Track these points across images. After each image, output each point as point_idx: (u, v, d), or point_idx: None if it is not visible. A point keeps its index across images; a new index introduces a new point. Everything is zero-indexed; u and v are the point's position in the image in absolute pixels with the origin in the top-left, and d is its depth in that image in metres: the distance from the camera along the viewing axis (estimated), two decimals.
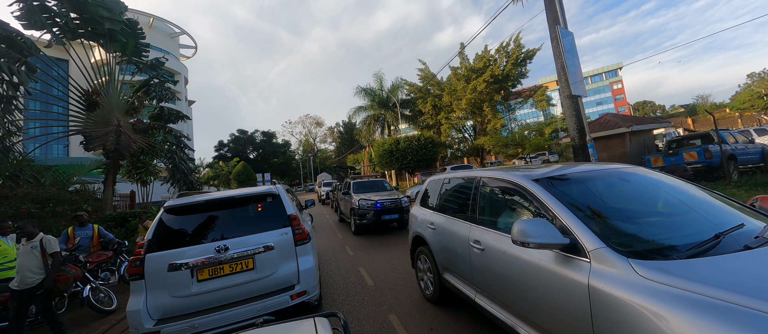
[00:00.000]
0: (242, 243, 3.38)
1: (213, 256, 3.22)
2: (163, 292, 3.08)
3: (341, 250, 7.68)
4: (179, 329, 2.96)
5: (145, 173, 12.62)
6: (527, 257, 2.11)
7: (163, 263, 3.12)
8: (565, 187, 2.27)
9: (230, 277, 3.26)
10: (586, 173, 2.43)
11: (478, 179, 3.00)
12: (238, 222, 3.65)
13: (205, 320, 3.03)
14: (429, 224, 3.72)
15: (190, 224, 3.51)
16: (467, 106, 29.29)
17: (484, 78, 28.06)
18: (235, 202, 3.75)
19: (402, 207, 8.39)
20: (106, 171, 10.49)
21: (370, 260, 6.47)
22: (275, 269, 3.41)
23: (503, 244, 2.37)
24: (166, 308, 3.08)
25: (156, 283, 3.09)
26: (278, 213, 3.70)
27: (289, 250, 3.53)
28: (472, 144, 32.43)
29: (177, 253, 3.20)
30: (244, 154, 57.28)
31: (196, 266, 3.16)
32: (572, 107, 12.09)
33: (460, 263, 3.02)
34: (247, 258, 3.33)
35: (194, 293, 3.13)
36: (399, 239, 7.98)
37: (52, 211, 6.90)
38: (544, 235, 1.82)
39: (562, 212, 1.97)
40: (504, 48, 30.01)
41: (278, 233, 3.55)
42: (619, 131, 12.05)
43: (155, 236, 3.30)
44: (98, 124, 10.34)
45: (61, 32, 9.66)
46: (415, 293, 4.46)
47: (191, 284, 3.14)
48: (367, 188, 9.63)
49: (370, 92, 34.37)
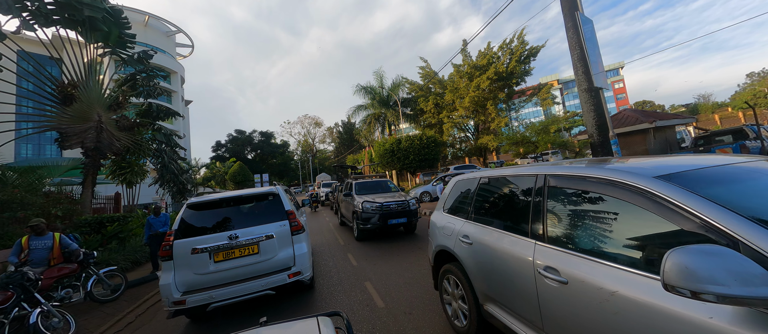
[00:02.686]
0: (249, 232, 4.07)
1: (226, 242, 3.93)
2: (187, 270, 3.79)
3: (343, 259, 6.80)
4: (200, 299, 3.66)
5: (131, 174, 11.73)
6: (678, 310, 1.24)
7: (187, 247, 3.83)
8: (723, 189, 1.41)
9: (240, 259, 3.97)
10: (737, 167, 1.58)
11: (542, 178, 2.14)
12: (245, 216, 4.35)
13: (219, 292, 3.74)
14: (461, 238, 2.86)
15: (208, 217, 4.22)
16: (470, 104, 28.45)
17: (488, 75, 27.25)
18: (243, 199, 4.48)
19: (410, 210, 7.51)
20: (86, 171, 9.60)
21: (378, 272, 5.60)
22: (275, 253, 4.12)
23: (608, 279, 1.51)
24: (189, 283, 3.79)
25: (181, 263, 3.80)
26: (278, 209, 4.40)
27: (287, 238, 4.24)
28: (475, 143, 31.58)
29: (198, 240, 3.90)
30: (242, 154, 56.31)
31: (213, 250, 3.88)
32: (591, 101, 11.24)
33: (516, 296, 2.16)
34: (253, 244, 4.04)
35: (211, 271, 3.85)
36: (408, 246, 7.12)
37: (12, 217, 6.02)
38: (737, 278, 0.97)
39: (753, 233, 1.11)
40: (507, 45, 29.23)
41: (278, 224, 4.25)
42: (641, 127, 11.22)
43: (180, 226, 4.01)
44: (76, 119, 9.44)
45: (33, 18, 8.76)
46: (438, 320, 3.59)
47: (209, 264, 3.85)
48: (370, 189, 8.77)
49: (370, 90, 33.52)
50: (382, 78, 33.20)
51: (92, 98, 9.92)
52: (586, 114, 11.58)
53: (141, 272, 7.42)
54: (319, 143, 74.13)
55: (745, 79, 55.26)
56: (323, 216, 15.75)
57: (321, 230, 10.99)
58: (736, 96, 52.62)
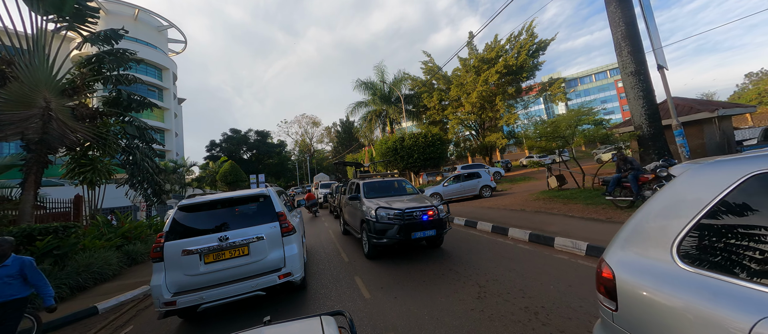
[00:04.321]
0: (240, 234, 4.13)
1: (216, 244, 3.99)
2: (178, 271, 3.87)
3: (349, 285, 5.01)
4: (190, 300, 3.74)
5: (93, 173, 9.87)
6: None
7: (177, 249, 3.90)
8: None
9: (230, 260, 4.03)
10: None
11: None
12: (236, 217, 4.43)
13: (210, 293, 3.81)
14: None
15: (199, 219, 4.30)
16: (478, 99, 26.74)
17: (497, 69, 25.53)
18: (234, 201, 4.54)
19: (439, 219, 5.69)
20: (27, 169, 7.75)
21: (404, 314, 3.83)
22: (266, 254, 4.18)
23: None
24: (180, 284, 3.86)
25: (172, 264, 3.87)
26: (269, 210, 4.48)
27: (277, 240, 4.29)
28: (481, 141, 29.86)
29: (188, 241, 3.97)
30: (237, 154, 54.20)
31: (203, 252, 3.94)
32: (639, 86, 9.51)
33: None
34: (244, 246, 4.10)
35: (202, 272, 3.92)
36: (436, 267, 5.34)
37: None
38: None
39: None
40: (515, 38, 27.61)
41: (269, 226, 4.31)
42: (698, 117, 9.51)
43: (171, 228, 4.05)
44: (14, 104, 7.59)
45: None
46: None
47: (200, 266, 3.92)
48: (383, 191, 6.95)
49: (370, 86, 31.73)
50: (384, 73, 31.41)
51: (37, 79, 8.07)
52: (632, 102, 9.83)
53: (85, 300, 5.59)
54: (316, 143, 72.34)
55: (744, 79, 54.79)
56: (322, 221, 13.93)
57: (320, 240, 9.19)
58: (741, 95, 51.62)
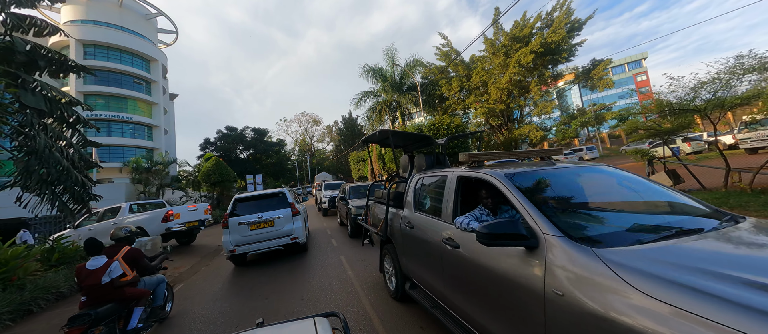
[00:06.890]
0: (268, 214, 7.18)
1: (256, 219, 7.06)
2: (236, 234, 6.95)
3: None
4: (243, 250, 6.91)
5: None
6: None
7: (235, 221, 7.00)
8: None
9: (263, 229, 7.09)
10: None
11: None
12: (266, 204, 7.43)
13: (253, 247, 6.98)
14: None
15: (246, 204, 7.41)
16: (508, 85, 22.73)
17: (532, 48, 21.52)
18: (265, 196, 7.64)
19: None
20: None
21: None
22: (283, 225, 7.20)
23: None
24: (237, 241, 6.92)
25: (233, 230, 6.97)
26: (284, 201, 7.51)
27: (289, 218, 7.29)
28: (508, 134, 25.84)
29: (241, 218, 7.06)
30: (233, 153, 50.25)
31: (249, 223, 7.00)
32: None
33: None
34: (271, 221, 7.14)
35: (248, 235, 6.99)
36: None
37: None
38: None
39: None
40: (548, 15, 23.65)
41: (284, 210, 7.33)
42: None
43: (232, 210, 7.19)
44: None
45: None
46: None
47: (247, 231, 6.99)
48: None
49: (379, 73, 27.73)
50: (394, 58, 27.38)
51: None
52: None
53: None
54: (317, 142, 68.61)
55: None
56: (320, 238, 9.89)
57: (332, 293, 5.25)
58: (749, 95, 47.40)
